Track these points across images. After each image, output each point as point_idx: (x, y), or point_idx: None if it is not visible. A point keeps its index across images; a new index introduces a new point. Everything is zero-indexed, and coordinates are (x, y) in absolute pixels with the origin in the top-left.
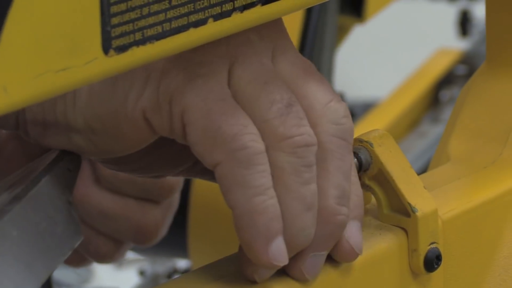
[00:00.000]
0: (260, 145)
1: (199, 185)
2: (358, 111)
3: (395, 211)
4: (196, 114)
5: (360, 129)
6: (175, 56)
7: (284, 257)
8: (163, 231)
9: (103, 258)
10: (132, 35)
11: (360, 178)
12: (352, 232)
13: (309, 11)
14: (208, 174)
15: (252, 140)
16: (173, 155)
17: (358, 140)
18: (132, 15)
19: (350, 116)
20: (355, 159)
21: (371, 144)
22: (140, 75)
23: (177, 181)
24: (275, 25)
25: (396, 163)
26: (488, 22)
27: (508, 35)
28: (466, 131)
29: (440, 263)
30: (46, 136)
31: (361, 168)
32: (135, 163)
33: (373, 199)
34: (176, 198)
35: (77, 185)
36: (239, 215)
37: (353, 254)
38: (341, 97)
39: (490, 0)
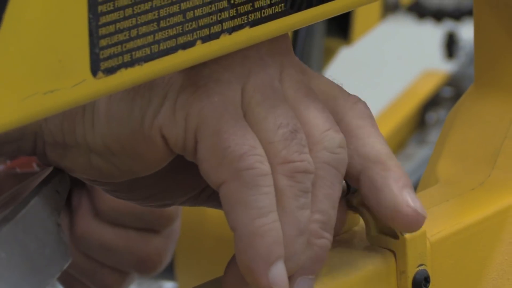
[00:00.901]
0: (266, 167)
1: (186, 208)
2: None
3: (383, 233)
4: (209, 131)
5: None
6: (193, 72)
7: (284, 282)
8: (167, 259)
9: None
10: (120, 57)
11: (348, 200)
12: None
13: (296, 34)
14: (213, 200)
15: (259, 161)
16: (185, 180)
17: None
18: (121, 37)
19: (345, 148)
20: (343, 181)
21: None
22: (158, 92)
23: (176, 210)
24: (283, 40)
25: None
26: (477, 43)
27: (497, 56)
28: (454, 153)
29: (429, 285)
30: (66, 159)
31: (349, 190)
32: (150, 189)
33: (361, 221)
34: (177, 225)
35: (77, 221)
36: (241, 236)
37: (419, 217)
38: None
39: (479, 21)
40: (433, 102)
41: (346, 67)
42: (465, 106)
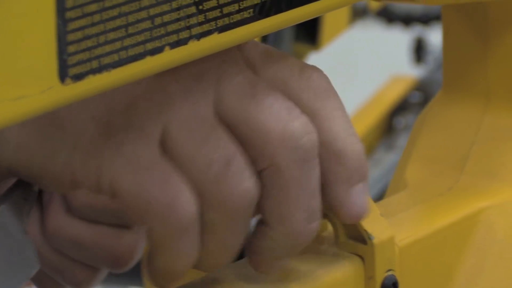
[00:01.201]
0: (194, 209)
1: None
2: None
3: (351, 238)
4: (126, 185)
5: None
6: (104, 122)
7: None
8: (138, 255)
9: (80, 285)
10: (88, 63)
11: None
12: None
13: (264, 39)
14: None
15: (186, 209)
16: None
17: None
18: (89, 43)
19: (310, 130)
20: None
21: None
22: (68, 140)
23: None
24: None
25: None
26: (445, 48)
27: (465, 61)
28: (423, 158)
29: None
30: None
31: None
32: None
33: (330, 227)
34: None
35: (49, 217)
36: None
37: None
38: None
39: (447, 26)
40: (401, 107)
41: None
42: (434, 111)
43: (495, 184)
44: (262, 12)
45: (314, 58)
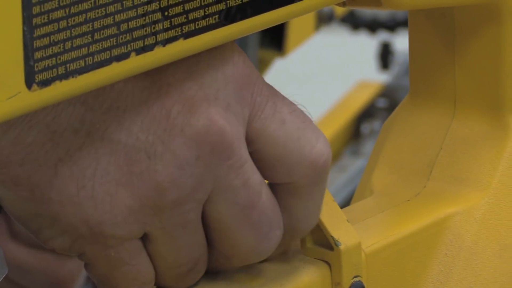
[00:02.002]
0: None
1: None
2: None
3: (318, 244)
4: (98, 271)
5: None
6: (86, 222)
7: None
8: (80, 281)
9: None
10: (55, 69)
11: None
12: None
13: None
14: None
15: None
16: None
17: None
18: (55, 49)
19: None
20: None
21: None
22: (58, 228)
23: None
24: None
25: None
26: (412, 53)
27: (432, 67)
28: (389, 164)
29: None
30: None
31: None
32: None
33: None
34: None
35: None
36: None
37: None
38: None
39: (414, 31)
40: (367, 113)
41: (281, 79)
42: (400, 117)
43: (462, 190)
44: (227, 18)
45: (279, 64)
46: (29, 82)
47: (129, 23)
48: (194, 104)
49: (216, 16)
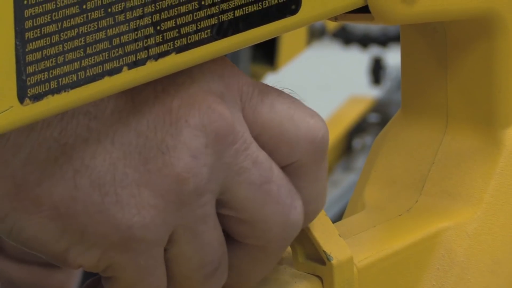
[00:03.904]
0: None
1: None
2: None
3: (310, 259)
4: (122, 284)
5: None
6: (117, 236)
7: None
8: None
9: None
10: (47, 84)
11: None
12: None
13: None
14: None
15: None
16: None
17: None
18: (48, 63)
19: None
20: None
21: None
22: (88, 245)
23: None
24: None
25: None
26: (404, 68)
27: (424, 82)
28: (381, 179)
29: None
30: None
31: None
32: None
33: (288, 247)
34: None
35: None
36: None
37: None
38: None
39: (406, 46)
40: (359, 128)
41: None
42: (392, 132)
43: (455, 205)
44: (219, 32)
45: (271, 79)
46: (22, 96)
47: (121, 37)
48: (191, 96)
49: (208, 30)
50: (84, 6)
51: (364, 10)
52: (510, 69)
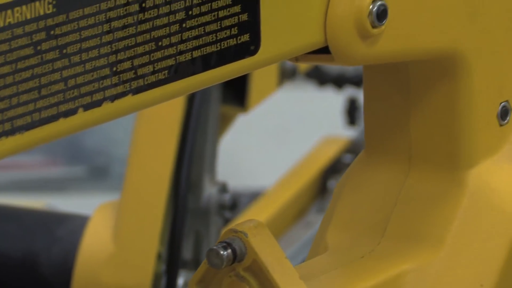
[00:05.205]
0: None
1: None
2: (244, 200)
3: None
4: None
5: (245, 220)
6: None
7: None
8: None
9: None
10: (1, 126)
11: (234, 269)
12: None
13: (190, 101)
14: None
15: None
16: None
17: (233, 231)
18: (1, 105)
19: None
20: (229, 250)
21: (245, 234)
22: None
23: None
24: None
25: (271, 253)
26: (366, 110)
27: (386, 123)
28: (344, 221)
29: None
30: None
31: (236, 259)
32: None
33: None
34: None
35: None
36: None
37: None
38: (224, 187)
39: (369, 87)
40: (334, 169)
41: (244, 135)
42: (355, 173)
43: (417, 247)
44: (177, 73)
45: (242, 120)
46: None
47: (77, 78)
48: None
49: (166, 71)
50: (38, 47)
51: (324, 50)
52: (473, 110)
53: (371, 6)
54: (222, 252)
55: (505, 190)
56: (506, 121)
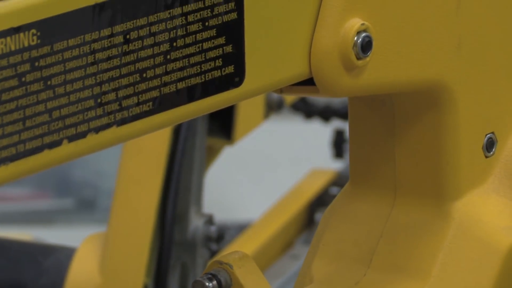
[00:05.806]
0: None
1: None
2: (230, 233)
3: None
4: None
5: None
6: None
7: None
8: None
9: None
10: None
11: None
12: None
13: (176, 133)
14: None
15: None
16: None
17: (218, 262)
18: None
19: None
20: (215, 281)
21: (231, 266)
22: None
23: None
24: None
25: (257, 285)
26: (352, 142)
27: (371, 155)
28: (330, 252)
29: None
30: None
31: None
32: None
33: None
34: None
35: None
36: None
37: None
38: (210, 220)
39: (354, 120)
40: (321, 201)
41: (230, 167)
42: (341, 205)
43: (402, 278)
44: (162, 105)
45: (228, 152)
46: None
47: (61, 110)
48: None
49: (150, 103)
50: (23, 79)
51: (309, 82)
52: (459, 142)
53: (355, 38)
54: (207, 284)
55: (491, 222)
56: (491, 152)
